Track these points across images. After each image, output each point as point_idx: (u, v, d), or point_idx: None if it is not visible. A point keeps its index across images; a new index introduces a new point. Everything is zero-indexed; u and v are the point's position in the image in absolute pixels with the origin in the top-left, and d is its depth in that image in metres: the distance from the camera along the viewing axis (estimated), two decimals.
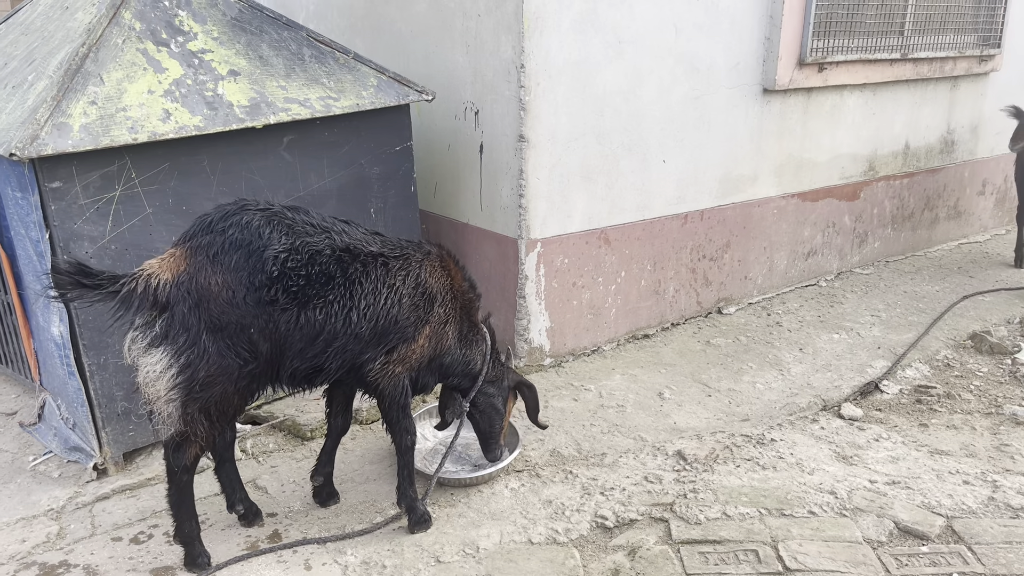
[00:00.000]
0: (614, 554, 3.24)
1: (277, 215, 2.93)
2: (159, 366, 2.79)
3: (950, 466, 3.80)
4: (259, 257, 2.83)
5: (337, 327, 2.98)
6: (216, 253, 2.81)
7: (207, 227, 2.86)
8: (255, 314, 2.84)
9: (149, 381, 2.82)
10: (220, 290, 2.79)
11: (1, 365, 4.59)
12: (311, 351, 2.98)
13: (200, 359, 2.80)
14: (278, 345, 2.93)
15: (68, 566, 3.19)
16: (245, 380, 2.92)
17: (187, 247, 2.85)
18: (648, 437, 4.12)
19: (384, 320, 3.08)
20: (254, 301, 2.83)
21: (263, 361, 2.93)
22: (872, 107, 6.17)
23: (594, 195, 4.80)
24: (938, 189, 7.00)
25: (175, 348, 2.78)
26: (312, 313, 2.92)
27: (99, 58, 3.48)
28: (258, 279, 2.82)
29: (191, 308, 2.77)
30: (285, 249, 2.86)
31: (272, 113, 3.74)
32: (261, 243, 2.84)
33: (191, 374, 2.81)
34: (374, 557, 3.22)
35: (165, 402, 2.84)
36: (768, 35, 5.29)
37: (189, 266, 2.80)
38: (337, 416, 3.51)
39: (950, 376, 4.81)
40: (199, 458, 3.04)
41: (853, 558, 3.16)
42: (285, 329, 2.91)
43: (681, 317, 5.52)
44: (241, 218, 2.86)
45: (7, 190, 3.55)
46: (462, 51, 4.66)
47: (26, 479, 3.77)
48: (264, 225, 2.87)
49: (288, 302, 2.88)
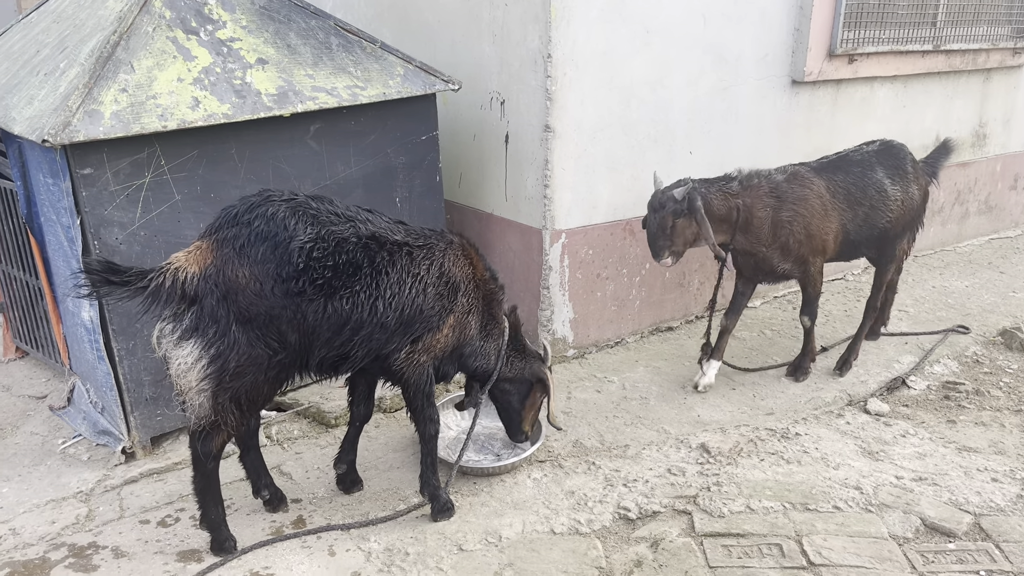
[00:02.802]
0: (637, 546, 3.24)
1: (302, 206, 2.93)
2: (190, 358, 2.82)
3: (978, 463, 3.75)
4: (285, 249, 2.84)
5: (364, 316, 2.99)
6: (243, 245, 2.82)
7: (233, 219, 2.87)
8: (283, 305, 2.86)
9: (181, 373, 2.85)
10: (248, 282, 2.81)
11: (32, 349, 4.66)
12: (338, 340, 3.00)
13: (230, 350, 2.82)
14: (306, 335, 2.94)
15: (97, 547, 3.24)
16: (275, 370, 2.94)
17: (213, 239, 2.86)
18: (671, 429, 4.10)
19: (410, 309, 3.09)
20: (282, 292, 2.84)
21: (292, 351, 2.95)
22: (903, 99, 6.08)
23: (619, 186, 4.77)
24: (969, 183, 6.89)
25: (205, 340, 2.81)
26: (339, 303, 2.93)
27: (130, 46, 3.50)
28: (285, 271, 2.84)
29: (219, 300, 2.79)
30: (311, 240, 2.87)
31: (299, 102, 3.75)
32: (287, 235, 2.85)
33: (222, 365, 2.83)
34: (397, 544, 3.24)
35: (197, 392, 2.87)
36: (798, 26, 5.23)
37: (216, 259, 2.82)
38: (360, 404, 3.52)
39: (979, 372, 4.75)
40: (225, 446, 3.08)
41: (879, 554, 3.14)
42: (313, 319, 2.92)
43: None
44: (266, 209, 2.87)
45: (39, 176, 3.60)
46: (489, 41, 4.65)
47: (56, 462, 3.83)
48: (289, 216, 2.87)
49: (315, 293, 2.89)
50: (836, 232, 4.34)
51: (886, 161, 4.50)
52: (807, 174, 4.29)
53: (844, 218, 4.34)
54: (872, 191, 4.39)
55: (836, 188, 4.32)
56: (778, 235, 4.17)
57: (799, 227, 4.17)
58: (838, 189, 4.32)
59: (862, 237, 4.47)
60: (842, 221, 4.34)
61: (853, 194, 4.36)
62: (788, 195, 4.17)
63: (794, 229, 4.17)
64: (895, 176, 4.48)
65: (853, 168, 4.42)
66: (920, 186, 4.62)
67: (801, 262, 4.27)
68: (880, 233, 4.50)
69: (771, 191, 4.16)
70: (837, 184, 4.34)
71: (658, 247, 4.01)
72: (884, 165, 4.48)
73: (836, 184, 4.33)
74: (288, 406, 4.22)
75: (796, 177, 4.24)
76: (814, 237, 4.23)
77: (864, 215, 4.40)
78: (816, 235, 4.23)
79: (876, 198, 4.40)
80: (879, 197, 4.40)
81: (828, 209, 4.27)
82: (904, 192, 4.49)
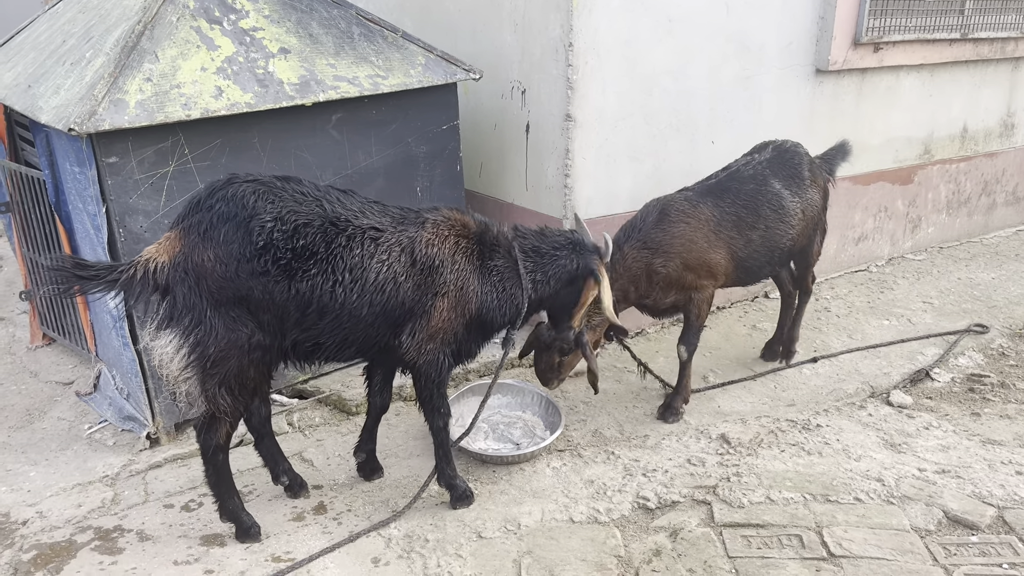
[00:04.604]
0: (656, 535, 3.24)
1: (264, 185, 2.88)
2: (170, 348, 2.83)
3: (1002, 456, 3.71)
4: (246, 228, 2.80)
5: (325, 301, 2.92)
6: (206, 229, 2.81)
7: (196, 205, 2.86)
8: (250, 286, 2.83)
9: (163, 363, 2.87)
10: (214, 265, 2.80)
11: (59, 336, 4.73)
12: (306, 323, 2.95)
13: (208, 336, 2.82)
14: (277, 316, 2.91)
15: (122, 531, 3.29)
16: (257, 352, 2.92)
17: (180, 228, 2.85)
18: (691, 420, 4.09)
19: (381, 298, 2.99)
20: (247, 273, 2.82)
21: (268, 332, 2.91)
22: (929, 88, 6.00)
23: (640, 175, 4.75)
24: (996, 174, 6.79)
25: (182, 328, 2.82)
26: (300, 284, 2.87)
27: (154, 35, 3.53)
28: (248, 250, 2.80)
29: (191, 288, 2.79)
30: (272, 219, 2.82)
31: (321, 91, 3.77)
32: (247, 213, 2.81)
33: (202, 352, 2.83)
34: (417, 530, 3.26)
35: (182, 381, 2.88)
36: (822, 14, 5.17)
37: (184, 246, 2.81)
38: (377, 395, 3.53)
39: (1004, 365, 4.69)
40: (230, 436, 3.09)
41: (900, 546, 3.12)
42: (281, 300, 2.88)
43: (727, 301, 5.46)
44: (227, 191, 2.84)
45: (65, 165, 3.64)
46: (510, 30, 4.64)
47: (82, 446, 3.89)
48: (250, 195, 2.83)
49: (279, 274, 2.85)
50: (725, 261, 3.97)
51: (781, 171, 4.13)
52: (681, 206, 3.92)
53: (734, 246, 3.97)
54: (767, 210, 4.01)
55: (723, 215, 3.95)
56: (654, 282, 3.89)
57: (673, 268, 3.86)
58: (725, 216, 3.95)
59: (761, 261, 4.12)
60: (732, 250, 3.97)
61: (744, 219, 3.98)
62: (655, 241, 3.84)
63: (669, 271, 3.87)
64: (793, 185, 4.13)
65: (745, 186, 4.03)
66: (819, 187, 4.30)
67: (684, 290, 3.95)
68: (784, 253, 4.19)
69: (641, 245, 3.84)
70: (724, 210, 3.96)
71: (547, 379, 3.80)
72: (779, 176, 4.11)
73: (723, 210, 3.96)
74: (309, 394, 4.26)
75: (664, 217, 3.88)
76: (696, 268, 3.90)
77: (760, 238, 4.03)
78: (697, 267, 3.90)
79: (772, 218, 4.03)
80: (776, 217, 4.04)
81: (712, 239, 3.91)
82: (804, 201, 4.16)
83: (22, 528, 3.32)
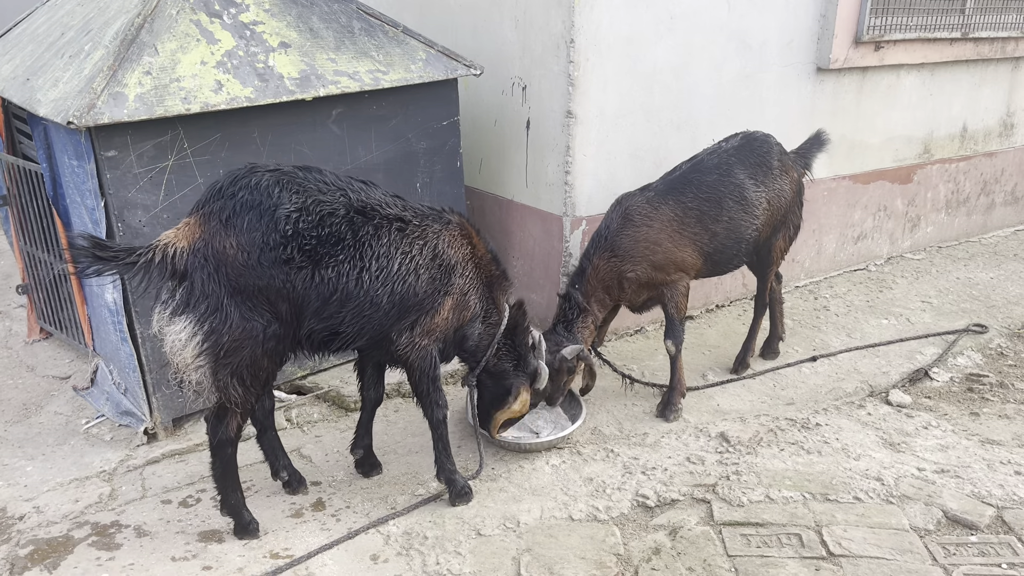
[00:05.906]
0: (655, 533, 3.23)
1: (287, 175, 2.89)
2: (184, 334, 2.80)
3: (1002, 456, 3.71)
4: (271, 216, 2.80)
5: (351, 288, 2.93)
6: (228, 216, 2.80)
7: (218, 192, 2.84)
8: (271, 275, 2.82)
9: (176, 350, 2.83)
10: (236, 253, 2.78)
11: (56, 330, 4.71)
12: (326, 311, 2.95)
13: (223, 324, 2.80)
14: (296, 305, 2.90)
15: (119, 526, 3.28)
16: (271, 342, 2.90)
17: (200, 214, 2.84)
18: (691, 418, 4.09)
19: (401, 287, 3.03)
20: (269, 261, 2.81)
21: (285, 322, 2.91)
22: (929, 87, 6.00)
23: (641, 173, 4.73)
24: (995, 173, 6.80)
25: (198, 315, 2.79)
26: (325, 271, 2.88)
27: (154, 28, 3.51)
28: (272, 238, 2.80)
29: (210, 275, 2.77)
30: (297, 208, 2.83)
31: (322, 85, 3.75)
32: (272, 202, 2.81)
33: (216, 340, 2.81)
34: (416, 528, 3.26)
35: (194, 370, 2.85)
36: (824, 12, 5.16)
37: (204, 232, 2.79)
38: (369, 389, 3.52)
39: (1003, 365, 4.69)
40: (241, 429, 3.07)
41: (899, 545, 3.12)
42: (302, 288, 2.88)
43: (726, 299, 5.45)
44: (250, 180, 2.84)
45: (64, 158, 3.62)
46: (511, 25, 4.62)
47: (79, 441, 3.88)
48: (274, 185, 2.84)
49: (304, 260, 2.85)
50: (692, 257, 3.98)
51: (747, 159, 4.08)
52: (643, 209, 3.91)
53: (700, 241, 3.97)
54: (730, 202, 3.98)
55: (686, 211, 3.93)
56: (626, 287, 3.94)
57: (643, 271, 3.90)
58: (688, 212, 3.93)
59: (729, 254, 4.11)
60: (698, 245, 3.97)
61: (707, 212, 3.96)
62: (621, 248, 3.88)
63: (638, 275, 3.90)
64: (758, 175, 4.08)
65: (707, 177, 3.99)
66: (792, 179, 4.24)
67: (657, 287, 3.98)
68: (749, 245, 4.15)
69: (610, 253, 3.88)
70: (687, 206, 3.94)
71: (555, 399, 3.95)
72: (745, 164, 4.06)
73: (686, 207, 3.94)
74: (308, 390, 4.24)
75: (628, 222, 3.89)
76: (664, 267, 3.92)
77: (724, 231, 4.01)
78: (665, 265, 3.92)
79: (735, 209, 4.00)
80: (739, 207, 4.00)
81: (676, 239, 3.92)
82: (770, 191, 4.11)
83: (19, 523, 3.30)
